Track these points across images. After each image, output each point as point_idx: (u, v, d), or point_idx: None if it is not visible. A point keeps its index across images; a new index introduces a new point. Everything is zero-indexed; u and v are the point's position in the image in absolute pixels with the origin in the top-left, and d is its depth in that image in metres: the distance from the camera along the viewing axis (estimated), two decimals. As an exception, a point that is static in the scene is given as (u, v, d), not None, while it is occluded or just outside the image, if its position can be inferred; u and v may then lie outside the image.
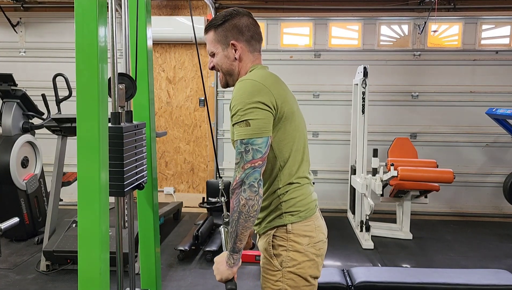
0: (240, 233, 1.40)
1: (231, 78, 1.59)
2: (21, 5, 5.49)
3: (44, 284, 3.34)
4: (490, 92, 5.31)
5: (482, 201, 5.45)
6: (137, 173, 1.65)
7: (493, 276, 2.75)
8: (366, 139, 4.30)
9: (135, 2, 1.75)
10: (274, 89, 1.46)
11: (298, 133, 1.54)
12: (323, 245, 1.58)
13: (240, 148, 1.39)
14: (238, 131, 1.40)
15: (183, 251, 3.83)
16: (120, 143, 1.50)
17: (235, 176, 1.39)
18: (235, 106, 1.42)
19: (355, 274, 2.76)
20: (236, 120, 1.41)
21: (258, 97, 1.41)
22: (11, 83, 4.20)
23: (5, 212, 4.10)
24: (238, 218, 1.38)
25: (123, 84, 1.60)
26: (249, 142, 1.38)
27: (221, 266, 1.49)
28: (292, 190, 1.52)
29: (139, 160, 1.67)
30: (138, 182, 1.67)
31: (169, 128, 5.63)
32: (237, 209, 1.38)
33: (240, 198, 1.37)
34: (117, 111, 1.55)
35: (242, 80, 1.48)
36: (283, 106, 1.46)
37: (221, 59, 1.57)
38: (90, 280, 1.37)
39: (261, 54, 1.63)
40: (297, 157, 1.53)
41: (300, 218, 1.52)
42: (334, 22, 5.44)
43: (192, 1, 5.44)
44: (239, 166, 1.38)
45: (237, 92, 1.44)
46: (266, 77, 1.49)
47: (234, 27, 1.54)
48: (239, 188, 1.38)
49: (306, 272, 1.51)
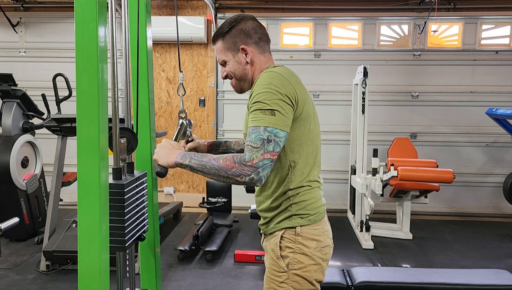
0: (209, 177, 1.41)
1: (245, 83, 1.59)
2: (21, 5, 5.50)
3: (44, 284, 3.34)
4: (490, 92, 5.31)
5: (482, 201, 5.45)
6: (138, 225, 1.65)
7: (493, 276, 2.75)
8: (366, 139, 4.30)
9: (135, 2, 1.75)
10: (297, 88, 1.46)
11: (312, 136, 1.52)
12: (329, 250, 1.57)
13: (263, 135, 1.35)
14: (262, 118, 1.37)
15: (183, 251, 3.83)
16: (122, 200, 1.50)
17: (252, 157, 1.34)
18: (261, 94, 1.39)
19: (355, 274, 2.76)
20: (260, 107, 1.38)
21: (285, 90, 1.40)
22: (11, 83, 4.20)
23: (5, 212, 4.10)
24: (221, 175, 1.37)
25: (124, 138, 1.60)
26: (273, 132, 1.36)
27: (169, 155, 1.50)
28: (303, 192, 1.52)
29: (140, 211, 1.68)
30: (139, 233, 1.67)
31: (169, 128, 5.63)
32: (230, 174, 1.35)
33: (242, 175, 1.34)
34: (118, 166, 1.54)
35: (269, 72, 1.47)
36: (302, 106, 1.46)
37: (233, 65, 1.56)
38: (90, 280, 1.37)
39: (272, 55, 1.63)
40: (309, 160, 1.52)
41: (310, 221, 1.51)
42: (334, 22, 5.44)
43: (192, 1, 5.44)
44: (258, 151, 1.34)
45: (264, 80, 1.42)
46: (291, 75, 1.49)
47: (241, 32, 1.54)
48: (250, 169, 1.34)
49: (311, 276, 1.50)
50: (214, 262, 3.80)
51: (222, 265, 3.75)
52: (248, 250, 3.91)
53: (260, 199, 1.60)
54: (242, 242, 4.35)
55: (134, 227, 1.60)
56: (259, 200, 1.61)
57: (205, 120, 5.58)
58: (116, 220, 1.50)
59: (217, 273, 3.60)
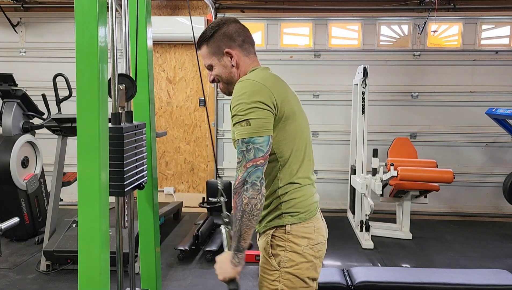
0: (244, 232, 1.41)
1: (232, 86, 1.60)
2: (21, 5, 5.50)
3: (44, 284, 3.34)
4: (490, 92, 5.31)
5: (482, 201, 5.45)
6: (137, 173, 1.65)
7: (493, 276, 2.75)
8: (366, 139, 4.30)
9: (135, 2, 1.76)
10: (274, 89, 1.47)
11: (300, 133, 1.54)
12: (322, 247, 1.58)
13: (242, 147, 1.39)
14: (239, 130, 1.41)
15: (183, 251, 3.83)
16: (121, 143, 1.50)
17: (237, 175, 1.39)
18: (235, 106, 1.42)
19: (355, 274, 2.76)
20: (236, 120, 1.42)
21: (258, 96, 1.41)
22: (11, 83, 4.20)
23: (5, 212, 4.10)
24: (241, 217, 1.39)
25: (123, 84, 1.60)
26: (250, 141, 1.38)
27: (225, 265, 1.48)
28: (293, 190, 1.52)
29: (139, 160, 1.67)
30: (138, 182, 1.67)
31: (169, 128, 5.64)
32: (240, 209, 1.38)
33: (243, 197, 1.37)
34: (117, 111, 1.55)
35: (242, 80, 1.49)
36: (283, 106, 1.47)
37: (219, 69, 1.58)
38: (90, 280, 1.37)
39: (257, 55, 1.64)
40: (298, 157, 1.53)
41: (300, 220, 1.52)
42: (334, 22, 5.44)
43: (192, 1, 5.44)
44: (241, 165, 1.38)
45: (237, 92, 1.45)
46: (266, 78, 1.50)
47: (224, 35, 1.56)
48: (241, 187, 1.38)
49: (303, 274, 1.51)
50: (214, 262, 3.80)
51: (222, 265, 3.75)
52: (248, 250, 3.91)
53: None
54: (242, 242, 4.35)
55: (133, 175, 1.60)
56: None
57: (205, 120, 5.58)
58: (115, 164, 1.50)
59: (217, 273, 3.59)
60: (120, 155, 1.50)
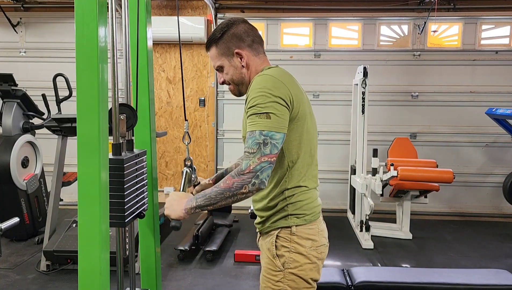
0: (219, 205, 1.41)
1: (243, 87, 1.60)
2: (21, 5, 5.50)
3: (44, 284, 3.34)
4: (490, 92, 5.31)
5: (482, 201, 5.45)
6: (137, 202, 1.65)
7: (493, 276, 2.75)
8: (366, 139, 4.30)
9: (135, 2, 1.75)
10: (292, 88, 1.47)
11: (309, 136, 1.53)
12: (324, 249, 1.59)
13: (259, 139, 1.37)
14: (257, 122, 1.38)
15: (183, 251, 3.83)
16: (121, 175, 1.50)
17: (248, 164, 1.36)
18: (255, 98, 1.41)
19: (355, 274, 2.76)
20: (254, 112, 1.40)
21: (278, 92, 1.41)
22: (11, 83, 4.20)
23: (5, 212, 4.10)
24: (228, 197, 1.38)
25: (124, 114, 1.60)
26: (269, 135, 1.37)
27: (177, 206, 1.50)
28: (300, 193, 1.52)
29: (140, 188, 1.67)
30: (139, 211, 1.67)
31: (169, 128, 5.64)
32: (234, 191, 1.37)
33: (244, 185, 1.36)
34: (118, 142, 1.54)
35: (262, 75, 1.48)
36: (298, 106, 1.47)
37: (230, 70, 1.58)
38: (90, 280, 1.37)
39: (266, 55, 1.64)
40: (306, 160, 1.53)
41: (305, 221, 1.52)
42: (334, 22, 5.44)
43: (192, 1, 5.45)
44: (254, 156, 1.36)
45: (257, 84, 1.44)
46: (285, 76, 1.51)
47: (233, 36, 1.55)
48: (248, 176, 1.35)
49: (307, 275, 1.51)
50: (214, 262, 3.80)
51: (222, 265, 3.76)
52: (248, 250, 3.92)
53: (257, 199, 1.60)
54: (242, 242, 4.35)
55: (134, 204, 1.60)
56: (256, 200, 1.62)
57: (205, 120, 5.58)
58: (116, 195, 1.50)
59: (217, 273, 3.60)
60: (121, 187, 1.50)
